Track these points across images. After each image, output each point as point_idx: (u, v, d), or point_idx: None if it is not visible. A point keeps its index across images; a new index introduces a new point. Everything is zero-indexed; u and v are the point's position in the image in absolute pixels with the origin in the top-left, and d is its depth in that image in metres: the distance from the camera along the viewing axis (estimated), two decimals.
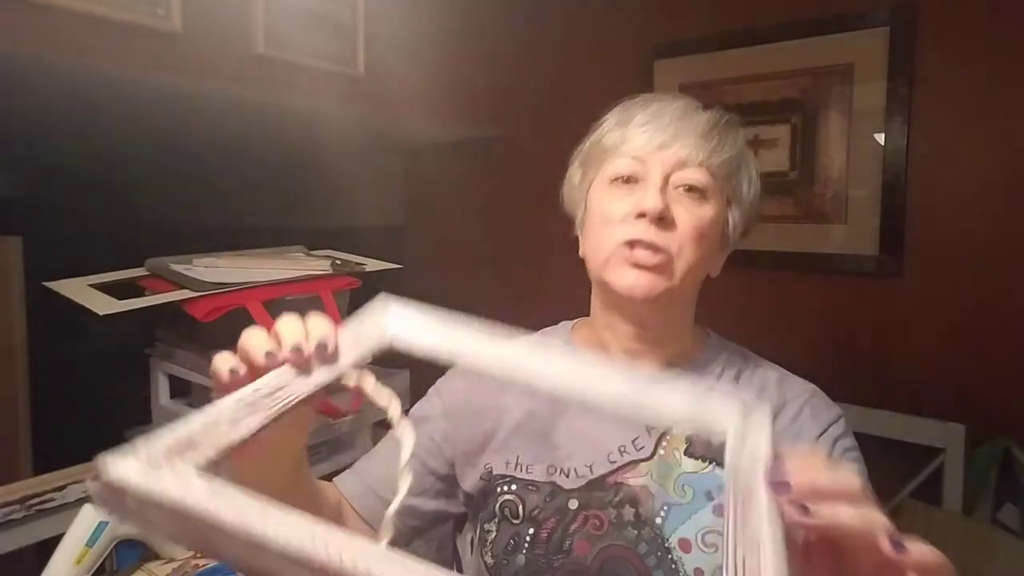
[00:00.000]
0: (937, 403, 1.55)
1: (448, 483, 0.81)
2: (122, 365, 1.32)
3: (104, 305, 1.09)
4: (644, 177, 0.73)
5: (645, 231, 0.70)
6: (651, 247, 0.71)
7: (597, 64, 2.02)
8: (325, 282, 1.26)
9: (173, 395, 1.30)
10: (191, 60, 1.39)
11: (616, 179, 0.74)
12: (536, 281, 2.07)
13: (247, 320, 1.12)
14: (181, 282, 1.17)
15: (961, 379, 1.55)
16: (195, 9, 1.37)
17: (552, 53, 2.11)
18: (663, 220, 0.71)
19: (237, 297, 1.14)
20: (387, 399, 0.50)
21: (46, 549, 0.90)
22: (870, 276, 1.67)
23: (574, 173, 0.82)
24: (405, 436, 0.48)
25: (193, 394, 1.28)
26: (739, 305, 1.68)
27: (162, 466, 0.38)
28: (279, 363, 0.50)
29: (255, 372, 0.50)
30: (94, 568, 0.91)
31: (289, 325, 0.52)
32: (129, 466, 0.36)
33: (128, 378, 1.32)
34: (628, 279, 0.71)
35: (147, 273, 1.26)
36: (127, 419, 1.28)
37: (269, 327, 0.52)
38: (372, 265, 1.38)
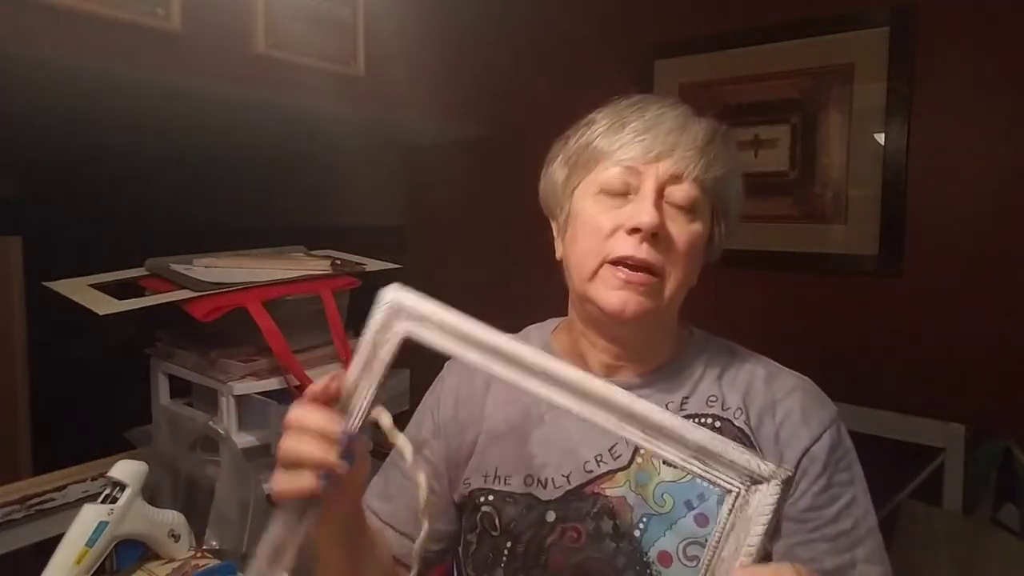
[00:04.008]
0: (937, 403, 1.55)
1: (455, 494, 0.80)
2: (122, 365, 1.31)
3: (104, 305, 1.09)
4: (636, 189, 0.69)
5: (637, 248, 0.67)
6: (643, 266, 0.67)
7: (597, 64, 2.02)
8: (325, 282, 1.26)
9: (173, 395, 1.29)
10: (191, 60, 1.39)
11: (606, 188, 0.70)
12: (536, 281, 2.07)
13: (247, 320, 1.12)
14: (181, 282, 1.17)
15: (961, 379, 1.55)
16: (195, 9, 1.37)
17: (553, 52, 2.11)
18: (656, 237, 0.67)
19: (237, 297, 1.13)
20: (402, 441, 0.56)
21: (46, 549, 0.90)
22: (870, 276, 1.67)
23: (557, 172, 0.77)
24: (420, 478, 0.56)
25: (193, 394, 1.28)
26: (739, 305, 1.68)
27: None
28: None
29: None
30: (94, 568, 0.91)
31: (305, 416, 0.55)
32: None
33: (128, 378, 1.32)
34: (616, 299, 0.68)
35: (147, 273, 1.26)
36: (127, 419, 1.28)
37: (269, 327, 0.53)
38: (372, 265, 1.38)
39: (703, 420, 0.72)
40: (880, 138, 1.63)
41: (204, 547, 1.05)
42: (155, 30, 1.31)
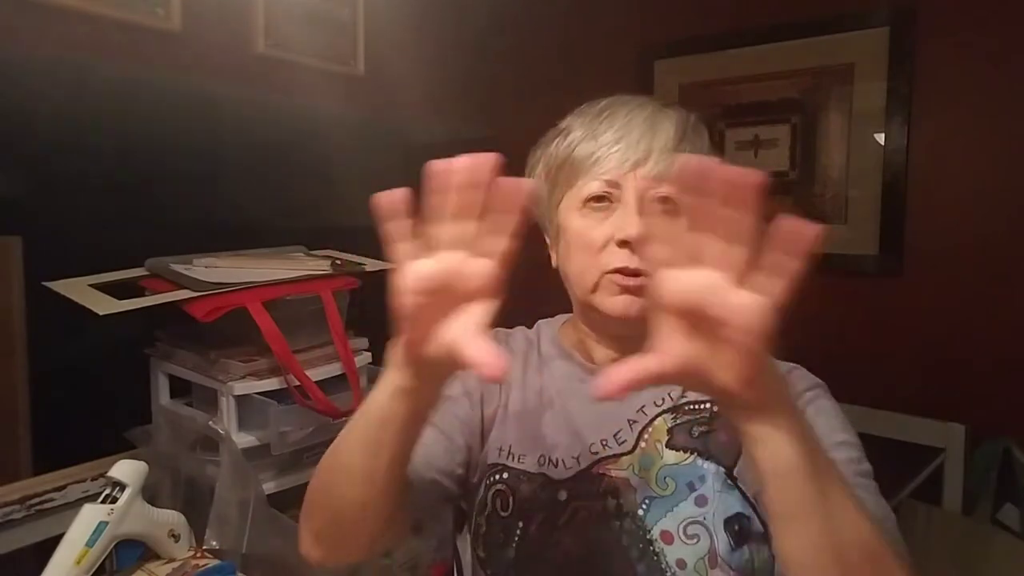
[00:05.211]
0: (937, 403, 1.55)
1: (468, 465, 0.78)
2: (122, 365, 1.31)
3: (104, 305, 1.09)
4: (619, 197, 0.71)
5: (630, 259, 0.69)
6: (638, 273, 0.70)
7: (597, 64, 2.02)
8: (325, 282, 1.26)
9: (173, 395, 1.29)
10: (191, 60, 1.39)
11: (589, 201, 0.73)
12: (535, 280, 2.07)
13: (247, 320, 1.12)
14: (181, 282, 1.17)
15: (961, 379, 1.55)
16: (195, 9, 1.37)
17: (553, 53, 2.11)
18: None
19: (237, 297, 1.13)
20: None
21: (46, 549, 0.90)
22: (870, 276, 1.67)
23: (539, 187, 0.79)
24: None
25: (193, 394, 1.28)
26: None
27: None
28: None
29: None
30: (94, 568, 0.91)
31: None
32: None
33: (128, 378, 1.32)
34: (620, 304, 0.71)
35: (147, 273, 1.26)
36: (127, 419, 1.28)
37: (269, 327, 0.52)
38: (372, 265, 1.38)
39: (701, 407, 0.75)
40: (880, 138, 1.63)
41: (204, 547, 1.05)
42: (155, 30, 1.31)
